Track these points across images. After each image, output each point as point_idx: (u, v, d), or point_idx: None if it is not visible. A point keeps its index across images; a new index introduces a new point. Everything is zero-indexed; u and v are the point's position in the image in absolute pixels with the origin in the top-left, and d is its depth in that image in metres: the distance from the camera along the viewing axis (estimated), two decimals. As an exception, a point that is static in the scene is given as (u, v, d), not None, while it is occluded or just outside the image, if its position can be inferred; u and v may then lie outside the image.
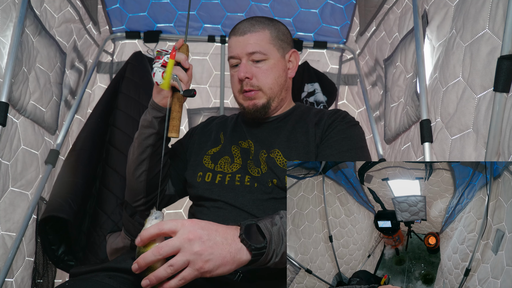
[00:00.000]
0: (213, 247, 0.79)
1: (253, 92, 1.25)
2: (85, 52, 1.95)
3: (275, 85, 1.26)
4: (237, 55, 1.25)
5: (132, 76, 1.98)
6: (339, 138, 1.20)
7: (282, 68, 1.29)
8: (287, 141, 1.24)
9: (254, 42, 1.24)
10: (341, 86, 2.31)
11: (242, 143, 1.29)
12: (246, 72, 1.23)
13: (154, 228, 0.78)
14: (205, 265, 0.78)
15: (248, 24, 1.27)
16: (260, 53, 1.24)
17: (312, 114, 1.31)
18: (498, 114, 0.93)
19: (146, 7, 2.06)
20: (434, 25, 1.34)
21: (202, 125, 1.45)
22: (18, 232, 1.38)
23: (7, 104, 1.26)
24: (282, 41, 1.30)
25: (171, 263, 0.76)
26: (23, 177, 1.41)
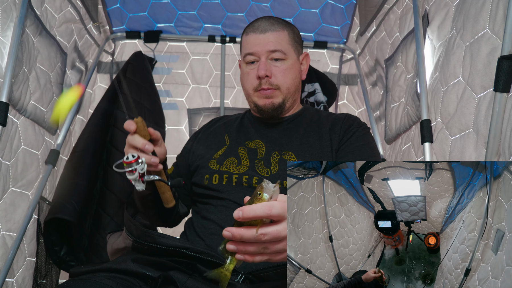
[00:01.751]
0: None
1: (271, 91, 1.25)
2: (86, 52, 1.95)
3: (292, 85, 1.27)
4: (256, 52, 1.24)
5: (133, 76, 1.98)
6: (358, 145, 1.22)
7: (298, 69, 1.30)
8: (300, 145, 1.24)
9: (275, 41, 1.24)
10: (341, 86, 2.31)
11: (249, 143, 1.28)
12: (267, 70, 1.23)
13: (262, 210, 0.71)
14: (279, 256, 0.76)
15: (267, 23, 1.27)
16: (281, 52, 1.24)
17: (324, 119, 1.32)
18: (498, 114, 0.93)
19: (146, 7, 2.06)
20: (435, 25, 1.34)
21: (204, 129, 1.43)
22: (18, 232, 1.38)
23: (7, 104, 1.26)
24: (297, 44, 1.31)
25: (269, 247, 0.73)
26: (24, 177, 1.42)
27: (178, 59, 2.28)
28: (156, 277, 0.92)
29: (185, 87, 2.30)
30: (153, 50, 2.20)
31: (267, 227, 0.73)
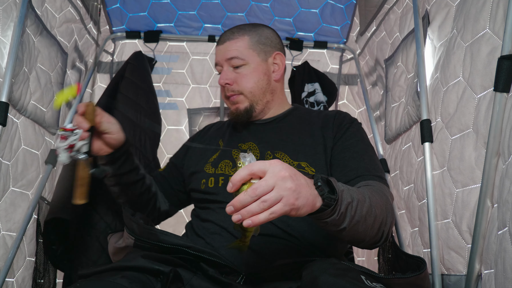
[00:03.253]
0: (301, 186, 0.80)
1: (235, 96, 1.31)
2: (86, 52, 1.95)
3: (255, 88, 1.30)
4: (218, 62, 1.32)
5: (131, 76, 1.98)
6: (354, 141, 1.23)
7: (262, 71, 1.32)
8: (293, 144, 1.25)
9: (232, 49, 1.30)
10: (341, 86, 2.31)
11: (242, 146, 1.30)
12: (226, 79, 1.30)
13: (244, 170, 0.79)
14: (296, 201, 0.79)
15: (228, 33, 1.34)
16: (238, 58, 1.29)
17: (314, 117, 1.33)
18: (498, 114, 0.93)
19: (146, 7, 2.06)
20: (436, 25, 1.34)
21: (199, 136, 1.48)
22: (18, 232, 1.38)
23: (7, 104, 1.26)
24: (264, 45, 1.34)
25: (265, 199, 0.76)
26: (24, 177, 1.41)
27: (178, 59, 2.28)
28: (168, 272, 0.92)
29: (185, 87, 2.30)
30: (153, 50, 2.20)
31: (256, 182, 0.78)
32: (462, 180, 1.11)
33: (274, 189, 0.77)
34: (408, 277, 0.92)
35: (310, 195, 0.82)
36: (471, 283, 1.01)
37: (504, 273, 0.83)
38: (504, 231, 0.86)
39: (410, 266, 1.03)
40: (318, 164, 1.20)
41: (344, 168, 1.17)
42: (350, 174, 1.16)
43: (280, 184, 0.77)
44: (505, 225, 0.85)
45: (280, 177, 0.78)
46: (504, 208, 0.87)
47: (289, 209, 0.79)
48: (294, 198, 0.78)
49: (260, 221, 0.77)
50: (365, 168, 1.16)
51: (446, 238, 1.16)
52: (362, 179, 1.13)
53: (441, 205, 1.20)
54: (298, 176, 0.81)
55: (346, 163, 1.18)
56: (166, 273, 0.92)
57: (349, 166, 1.17)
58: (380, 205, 1.01)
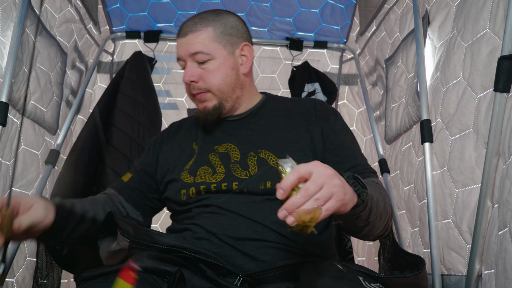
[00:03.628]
0: (344, 182, 0.82)
1: (202, 94, 1.19)
2: (86, 52, 1.95)
3: (223, 85, 1.19)
4: (181, 57, 1.20)
5: (130, 75, 1.98)
6: (343, 136, 1.21)
7: (230, 66, 1.20)
8: (275, 140, 1.19)
9: (196, 42, 1.17)
10: (341, 86, 2.31)
11: (218, 148, 1.21)
12: (191, 76, 1.18)
13: (292, 175, 0.78)
14: (344, 197, 0.80)
15: (190, 24, 1.20)
16: (203, 53, 1.17)
17: (291, 107, 1.27)
18: (498, 114, 0.93)
19: (146, 7, 2.06)
20: (436, 25, 1.34)
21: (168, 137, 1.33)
22: (18, 232, 1.38)
23: (7, 104, 1.25)
24: (230, 36, 1.21)
25: (318, 197, 0.77)
26: (24, 177, 1.41)
27: (178, 59, 2.28)
28: (174, 272, 0.91)
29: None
30: (153, 50, 2.20)
31: (305, 183, 0.77)
32: (462, 180, 1.11)
33: (324, 187, 0.77)
34: (406, 276, 0.92)
35: (351, 190, 0.84)
36: (471, 283, 1.01)
37: (504, 273, 0.83)
38: (504, 231, 0.86)
39: (409, 265, 1.03)
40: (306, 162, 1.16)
41: (341, 167, 1.15)
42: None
43: (329, 182, 0.78)
44: (506, 225, 0.85)
45: (328, 175, 0.78)
46: (504, 208, 0.87)
47: (340, 205, 0.80)
48: (343, 194, 0.80)
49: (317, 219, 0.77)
50: (362, 165, 1.17)
51: (447, 238, 1.16)
52: (362, 176, 1.13)
53: (441, 205, 1.20)
54: (338, 174, 0.82)
55: (342, 161, 1.16)
56: (172, 273, 0.91)
57: (346, 164, 1.16)
58: (386, 200, 1.05)
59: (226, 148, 1.20)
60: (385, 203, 1.02)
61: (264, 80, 2.32)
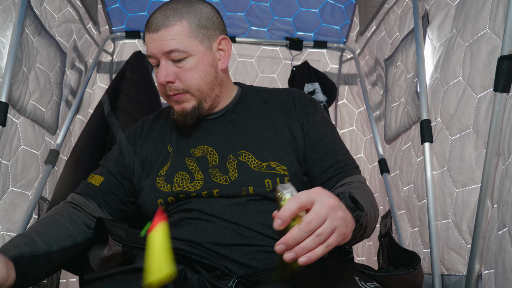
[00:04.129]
0: (346, 213, 0.77)
1: (180, 96, 1.08)
2: (85, 52, 1.95)
3: (202, 85, 1.09)
4: (153, 55, 1.07)
5: (132, 75, 1.98)
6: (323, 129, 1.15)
7: (208, 63, 1.09)
8: (255, 139, 1.12)
9: (170, 39, 1.05)
10: (341, 86, 2.31)
11: (195, 152, 1.13)
12: (167, 76, 1.06)
13: (292, 204, 0.72)
14: (346, 230, 0.75)
15: (161, 17, 1.06)
16: (179, 51, 1.05)
17: (269, 100, 1.19)
18: (498, 114, 0.93)
19: (146, 6, 2.06)
20: (435, 25, 1.34)
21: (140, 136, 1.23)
22: (18, 232, 1.38)
23: (7, 104, 1.25)
24: (206, 29, 1.09)
25: (320, 232, 0.71)
26: (24, 177, 1.41)
27: (178, 58, 2.28)
28: (180, 271, 0.88)
29: (185, 86, 2.30)
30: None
31: (308, 215, 0.72)
32: (462, 180, 1.11)
33: (327, 220, 0.72)
34: (401, 274, 0.92)
35: (351, 219, 0.79)
36: (471, 283, 1.01)
37: (504, 274, 0.83)
38: (504, 231, 0.86)
39: (405, 261, 1.02)
40: (288, 161, 1.09)
41: (323, 163, 1.10)
42: (331, 170, 1.10)
43: (332, 214, 0.73)
44: (505, 225, 0.85)
45: (331, 207, 0.73)
46: (504, 208, 0.87)
47: (342, 239, 0.75)
48: (345, 227, 0.75)
49: (317, 257, 0.72)
50: (343, 161, 1.11)
51: (446, 238, 1.16)
52: (344, 174, 1.09)
53: (441, 205, 1.20)
54: (340, 202, 0.77)
55: (324, 157, 1.11)
56: (178, 271, 0.87)
57: (327, 161, 1.10)
58: (374, 202, 1.01)
59: (203, 151, 1.12)
60: (375, 209, 0.99)
61: (264, 80, 2.31)
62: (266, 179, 1.06)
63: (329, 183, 1.09)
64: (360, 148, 2.18)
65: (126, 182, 1.17)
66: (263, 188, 1.05)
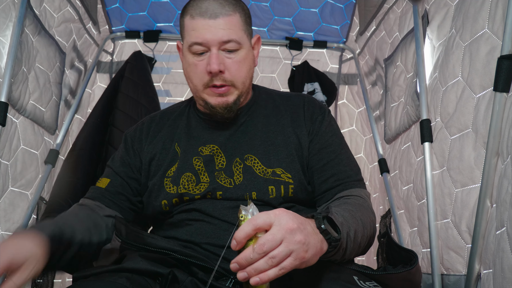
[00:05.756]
0: (309, 236, 0.75)
1: (225, 88, 1.05)
2: (85, 52, 1.95)
3: (247, 79, 1.08)
4: (206, 42, 1.02)
5: (131, 75, 1.98)
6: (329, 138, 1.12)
7: (252, 59, 1.10)
8: (263, 144, 1.10)
9: (228, 28, 1.02)
10: (341, 86, 2.31)
11: (203, 150, 1.11)
12: (220, 64, 1.02)
13: (248, 226, 0.73)
14: (305, 254, 0.74)
15: (217, 4, 1.03)
16: (235, 42, 1.03)
17: (280, 104, 1.18)
18: (497, 114, 0.93)
19: (145, 6, 2.06)
20: (435, 24, 1.34)
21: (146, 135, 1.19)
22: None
23: (6, 104, 1.25)
24: (249, 26, 1.10)
25: (273, 254, 0.71)
26: (23, 177, 1.41)
27: (178, 58, 2.28)
28: (167, 274, 0.89)
29: (185, 86, 2.30)
30: (153, 50, 2.20)
31: (262, 237, 0.73)
32: (461, 180, 1.10)
33: (282, 243, 0.72)
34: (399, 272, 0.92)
35: (318, 242, 0.78)
36: (470, 283, 1.01)
37: (502, 273, 0.83)
38: (502, 231, 0.86)
39: (402, 259, 1.02)
40: (294, 168, 1.08)
41: (323, 173, 1.08)
42: (330, 181, 1.07)
43: (289, 237, 0.72)
44: (503, 225, 0.85)
45: (288, 230, 0.73)
46: (502, 208, 0.87)
47: (299, 263, 0.74)
48: (304, 251, 0.74)
49: (269, 278, 0.72)
50: (345, 172, 1.08)
51: (446, 238, 1.16)
52: (344, 187, 1.06)
53: (441, 205, 1.20)
54: (304, 224, 0.76)
55: (325, 167, 1.08)
56: (165, 275, 0.89)
57: (328, 171, 1.08)
58: (369, 223, 0.98)
59: (211, 150, 1.10)
60: (366, 229, 0.95)
61: (263, 79, 2.32)
62: (270, 186, 1.05)
63: (327, 195, 1.07)
64: (360, 148, 2.18)
65: (133, 182, 1.15)
66: (266, 195, 1.04)
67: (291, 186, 1.06)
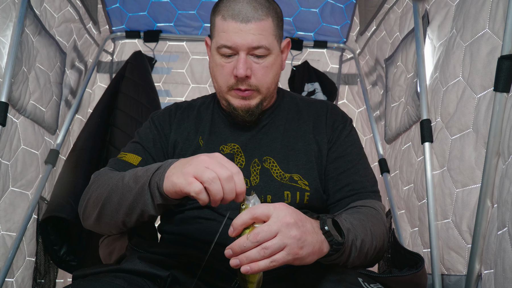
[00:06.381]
0: (306, 234, 0.75)
1: (249, 92, 1.05)
2: (85, 52, 1.95)
3: (272, 84, 1.09)
4: (235, 46, 1.01)
5: (131, 75, 1.98)
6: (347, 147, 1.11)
7: (279, 64, 1.10)
8: (282, 148, 1.10)
9: (259, 34, 1.00)
10: (341, 86, 2.31)
11: (224, 148, 1.11)
12: (247, 70, 1.02)
13: (246, 214, 0.74)
14: (299, 251, 0.74)
15: (250, 8, 1.01)
16: (265, 48, 1.02)
17: (303, 110, 1.17)
18: (498, 114, 0.93)
19: (146, 6, 2.06)
20: (435, 25, 1.34)
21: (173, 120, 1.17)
22: (18, 232, 1.38)
23: (7, 104, 1.25)
24: (281, 30, 1.08)
25: (266, 246, 0.72)
26: (23, 177, 1.41)
27: (178, 58, 2.28)
28: (165, 276, 0.89)
29: (185, 86, 2.30)
30: (153, 50, 2.20)
31: (258, 227, 0.73)
32: (462, 180, 1.10)
33: (277, 235, 0.72)
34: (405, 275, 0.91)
35: (317, 242, 0.77)
36: (471, 283, 1.00)
37: (503, 274, 0.83)
38: (503, 231, 0.86)
39: (408, 262, 1.01)
40: (311, 176, 1.07)
41: (338, 182, 1.07)
42: (345, 190, 1.07)
43: (284, 231, 0.73)
44: (505, 225, 0.85)
45: (285, 224, 0.73)
46: (503, 208, 0.87)
47: (292, 259, 0.74)
48: (298, 247, 0.74)
49: (259, 269, 0.72)
50: (361, 183, 1.07)
51: (446, 238, 1.16)
52: (358, 197, 1.05)
53: (441, 205, 1.20)
54: (304, 221, 0.76)
55: (341, 176, 1.08)
56: (163, 277, 0.89)
57: (343, 180, 1.07)
58: (380, 235, 0.97)
59: (232, 148, 1.10)
60: (375, 240, 0.94)
61: (264, 79, 2.31)
62: (286, 191, 1.05)
63: (341, 203, 1.06)
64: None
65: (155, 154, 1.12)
66: (281, 200, 1.03)
67: (307, 194, 1.06)
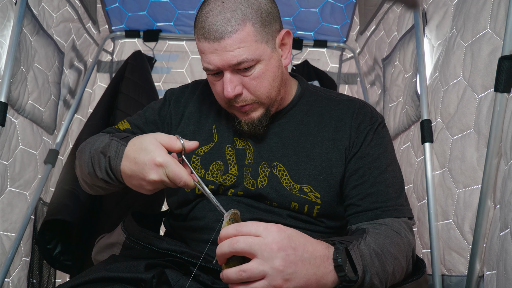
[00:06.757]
0: (297, 265, 0.69)
1: (248, 106, 0.97)
2: (85, 52, 1.95)
3: (271, 91, 0.98)
4: (216, 68, 0.93)
5: (131, 76, 1.98)
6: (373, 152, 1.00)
7: (276, 65, 0.98)
8: (295, 155, 1.01)
9: (237, 48, 0.90)
10: (341, 85, 2.30)
11: (237, 142, 1.04)
12: (235, 89, 0.94)
13: (232, 228, 0.69)
14: (284, 284, 0.68)
15: (221, 20, 0.90)
16: (248, 60, 0.92)
17: (326, 112, 1.06)
18: (499, 114, 0.93)
19: (145, 6, 2.05)
20: (433, 24, 1.33)
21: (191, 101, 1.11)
22: (17, 233, 1.38)
23: (6, 104, 1.25)
24: (269, 26, 0.96)
25: (245, 268, 0.67)
26: (22, 177, 1.41)
27: (178, 58, 2.28)
28: (149, 279, 0.85)
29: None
30: (153, 49, 2.20)
31: (247, 263, 0.69)
32: (463, 180, 1.10)
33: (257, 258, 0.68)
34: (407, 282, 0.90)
35: (314, 274, 0.70)
36: (472, 284, 1.00)
37: (505, 275, 0.83)
38: (506, 232, 0.85)
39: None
40: (324, 188, 0.98)
41: (361, 191, 0.97)
42: (368, 201, 0.96)
43: (266, 256, 0.68)
44: (507, 226, 0.85)
45: (269, 249, 0.68)
46: (506, 209, 0.86)
47: None
48: (281, 280, 0.68)
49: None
50: (386, 194, 0.96)
51: (448, 239, 1.15)
52: (381, 212, 0.95)
53: (442, 205, 1.19)
54: (300, 250, 0.70)
55: (363, 184, 0.98)
56: (147, 280, 0.84)
57: (367, 189, 0.97)
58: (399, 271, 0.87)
59: (244, 145, 1.03)
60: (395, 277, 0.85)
61: (263, 79, 2.31)
62: (294, 202, 0.98)
63: (361, 216, 0.96)
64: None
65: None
66: (287, 209, 0.99)
67: (317, 207, 0.98)
